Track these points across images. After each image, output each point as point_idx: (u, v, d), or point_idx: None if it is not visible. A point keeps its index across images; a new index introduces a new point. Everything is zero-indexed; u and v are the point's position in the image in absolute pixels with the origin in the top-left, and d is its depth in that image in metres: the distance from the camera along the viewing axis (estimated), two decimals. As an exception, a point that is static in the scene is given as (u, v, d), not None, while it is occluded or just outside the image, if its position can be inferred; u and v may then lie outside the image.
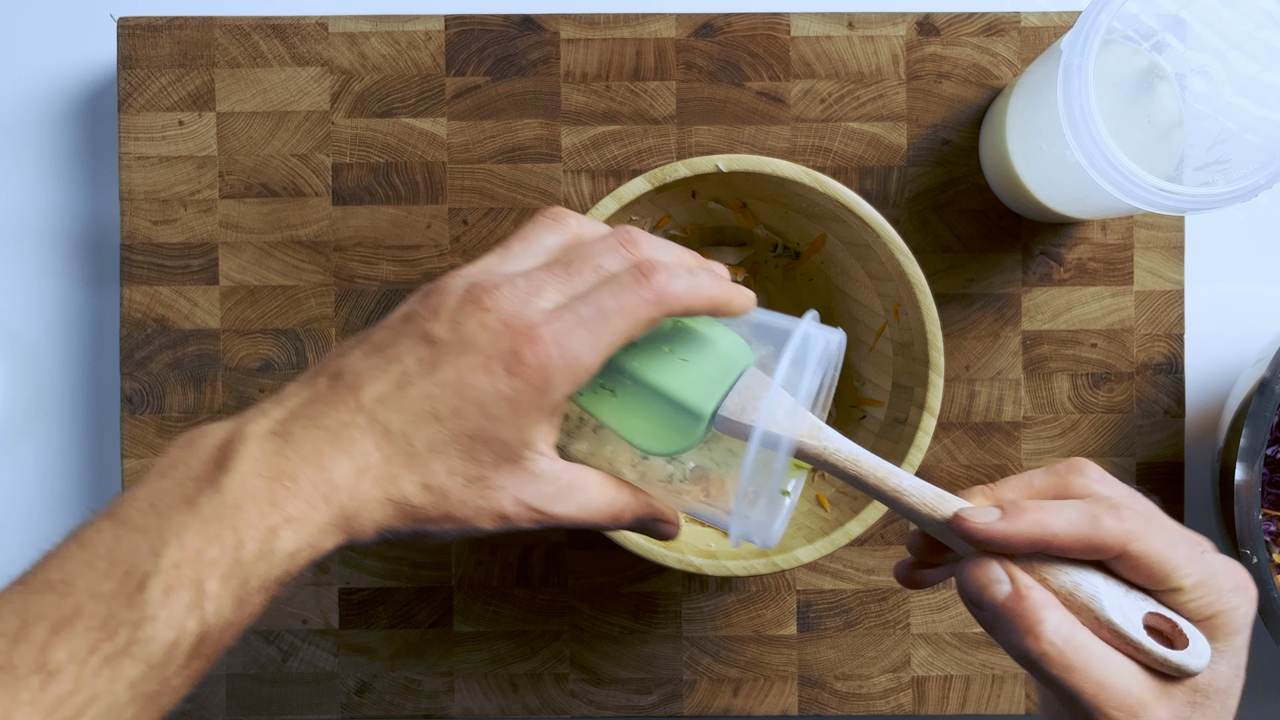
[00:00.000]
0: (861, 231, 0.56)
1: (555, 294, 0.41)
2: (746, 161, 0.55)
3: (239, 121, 0.65)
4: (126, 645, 0.36)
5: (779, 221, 0.60)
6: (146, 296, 0.65)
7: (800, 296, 0.63)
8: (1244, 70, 0.53)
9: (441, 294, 0.42)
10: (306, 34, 0.65)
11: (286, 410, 0.41)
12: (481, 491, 0.41)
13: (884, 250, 0.56)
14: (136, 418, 0.65)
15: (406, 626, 0.65)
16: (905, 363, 0.58)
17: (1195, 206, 0.49)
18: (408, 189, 0.65)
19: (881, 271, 0.57)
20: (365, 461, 0.40)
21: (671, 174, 0.55)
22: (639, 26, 0.65)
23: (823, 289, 0.62)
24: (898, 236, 0.55)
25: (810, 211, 0.58)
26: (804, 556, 0.55)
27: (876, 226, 0.55)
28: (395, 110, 0.65)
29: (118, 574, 0.37)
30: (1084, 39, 0.48)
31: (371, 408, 0.40)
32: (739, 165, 0.55)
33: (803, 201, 0.57)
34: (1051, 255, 0.66)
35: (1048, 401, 0.66)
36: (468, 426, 0.40)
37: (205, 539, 0.37)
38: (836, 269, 0.60)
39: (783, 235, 0.61)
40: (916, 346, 0.56)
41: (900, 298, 0.57)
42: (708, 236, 0.62)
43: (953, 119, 0.66)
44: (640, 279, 0.41)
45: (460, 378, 0.40)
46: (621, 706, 0.66)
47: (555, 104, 0.65)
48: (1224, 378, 0.67)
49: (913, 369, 0.57)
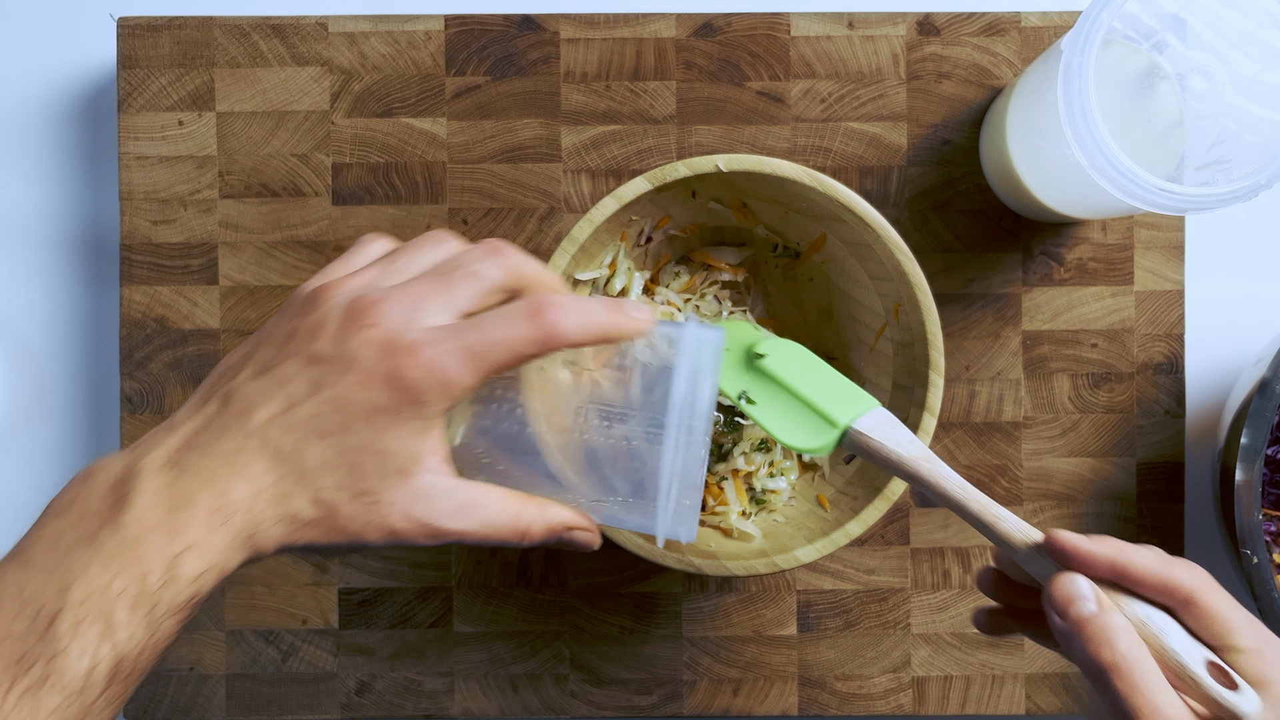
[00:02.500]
0: (862, 231, 0.56)
1: (437, 308, 0.42)
2: (746, 161, 0.55)
3: (239, 121, 0.65)
4: (43, 678, 0.38)
5: (779, 221, 0.60)
6: (146, 296, 0.65)
7: (800, 296, 0.63)
8: (1244, 70, 0.53)
9: (324, 310, 0.43)
10: (306, 34, 0.65)
11: (180, 439, 0.42)
12: (370, 505, 0.42)
13: (884, 250, 0.56)
14: (136, 418, 0.65)
15: (406, 627, 0.65)
16: (906, 363, 0.58)
17: (1195, 206, 0.49)
18: (408, 189, 0.65)
19: (882, 271, 0.57)
20: (260, 483, 0.41)
21: (671, 174, 0.55)
22: (639, 26, 0.65)
23: (823, 289, 0.62)
24: (898, 236, 0.55)
25: (810, 211, 0.58)
26: (804, 556, 0.55)
27: (877, 226, 0.55)
28: (395, 110, 0.65)
29: (28, 614, 0.38)
30: (1084, 39, 0.48)
31: (263, 430, 0.41)
32: (739, 165, 0.55)
33: (803, 201, 0.57)
34: (1052, 255, 0.66)
35: (1048, 401, 0.66)
36: (352, 441, 0.41)
37: (109, 573, 0.39)
38: (836, 269, 0.60)
39: (783, 235, 0.61)
40: (917, 346, 0.56)
41: (900, 297, 0.57)
42: (708, 236, 0.62)
43: (953, 119, 0.66)
44: (532, 315, 0.42)
45: (344, 394, 0.41)
46: (621, 707, 0.66)
47: (555, 104, 0.65)
48: (1224, 378, 0.67)
49: (913, 369, 0.57)
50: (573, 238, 0.55)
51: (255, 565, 0.65)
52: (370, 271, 0.45)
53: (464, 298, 0.43)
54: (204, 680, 0.65)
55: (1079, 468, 0.66)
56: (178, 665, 0.65)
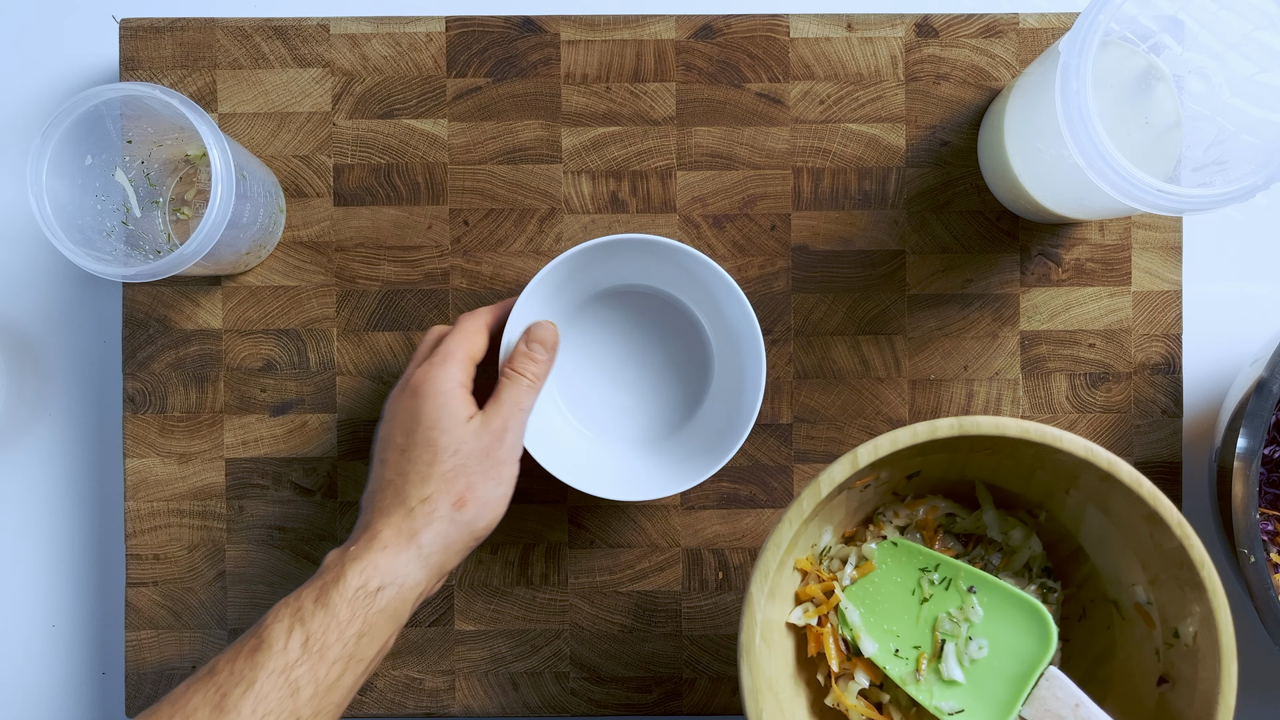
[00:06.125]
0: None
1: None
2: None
3: (241, 122, 0.65)
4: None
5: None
6: (149, 297, 0.65)
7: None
8: (1241, 71, 0.53)
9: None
10: (308, 35, 0.65)
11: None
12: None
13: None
14: (139, 417, 0.65)
15: (408, 625, 0.66)
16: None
17: (1193, 207, 0.49)
18: (409, 190, 0.66)
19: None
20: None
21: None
22: (639, 28, 0.65)
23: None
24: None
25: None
26: None
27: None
28: (396, 111, 0.65)
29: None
30: (1082, 40, 0.49)
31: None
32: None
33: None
34: (1049, 256, 0.66)
35: (1046, 401, 0.66)
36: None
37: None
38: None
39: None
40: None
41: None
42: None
43: (951, 120, 0.66)
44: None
45: None
46: (621, 704, 0.66)
47: (556, 105, 0.66)
48: (1221, 378, 0.68)
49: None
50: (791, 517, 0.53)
51: (256, 564, 0.65)
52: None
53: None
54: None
55: (1077, 467, 0.66)
56: (180, 664, 0.65)
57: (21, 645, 0.68)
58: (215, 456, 0.65)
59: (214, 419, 0.65)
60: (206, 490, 0.65)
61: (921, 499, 0.60)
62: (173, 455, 0.65)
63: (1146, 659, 0.55)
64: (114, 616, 0.68)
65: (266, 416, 0.66)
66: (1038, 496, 0.58)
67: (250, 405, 0.65)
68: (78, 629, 0.68)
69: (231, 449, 0.65)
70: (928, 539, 0.59)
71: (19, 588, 0.67)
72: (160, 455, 0.65)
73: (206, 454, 0.65)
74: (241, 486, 0.65)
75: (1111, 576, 0.57)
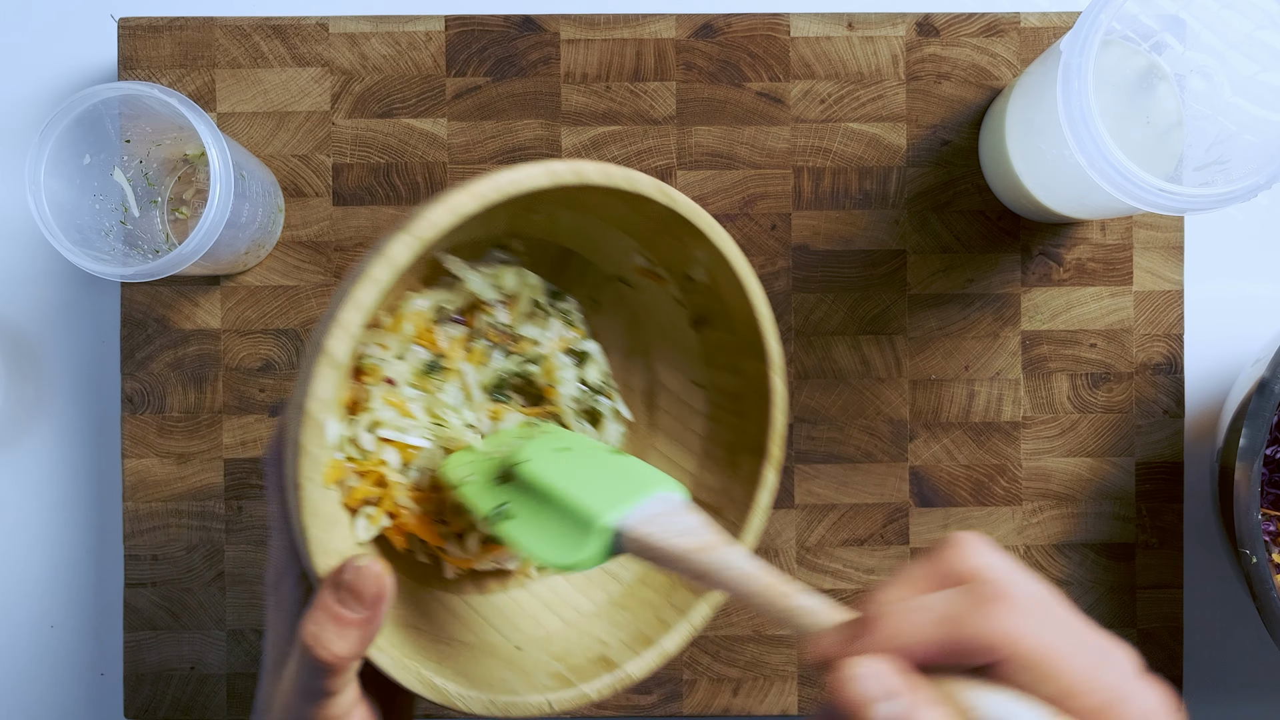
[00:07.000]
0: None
1: None
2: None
3: (240, 122, 0.65)
4: None
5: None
6: (147, 296, 0.65)
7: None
8: (1243, 70, 0.53)
9: None
10: (307, 34, 0.65)
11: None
12: None
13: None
14: (137, 418, 0.65)
15: (407, 626, 0.65)
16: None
17: (1194, 207, 0.49)
18: (408, 189, 0.65)
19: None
20: None
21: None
22: (639, 27, 0.65)
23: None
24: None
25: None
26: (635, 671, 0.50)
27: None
28: (396, 111, 0.65)
29: None
30: (1083, 39, 0.49)
31: None
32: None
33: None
34: (1051, 255, 0.66)
35: (1047, 402, 0.66)
36: None
37: None
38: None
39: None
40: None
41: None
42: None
43: (952, 119, 0.66)
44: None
45: None
46: (621, 706, 0.66)
47: (555, 104, 0.65)
48: (1223, 378, 0.67)
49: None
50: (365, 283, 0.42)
51: (255, 565, 0.65)
52: None
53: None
54: (205, 680, 0.65)
55: (1078, 468, 0.66)
56: (179, 665, 0.65)
57: (20, 646, 0.68)
58: (214, 457, 0.65)
59: (213, 419, 0.65)
60: (205, 491, 0.65)
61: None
62: (171, 455, 0.65)
63: (672, 311, 0.53)
64: (112, 617, 0.67)
65: (265, 417, 0.65)
66: (506, 238, 0.52)
67: (249, 405, 0.65)
68: (76, 630, 0.67)
69: (230, 449, 0.65)
70: (425, 339, 0.51)
71: (17, 588, 0.67)
72: (159, 455, 0.65)
73: (205, 454, 0.65)
74: (240, 487, 0.65)
75: (605, 256, 0.53)
